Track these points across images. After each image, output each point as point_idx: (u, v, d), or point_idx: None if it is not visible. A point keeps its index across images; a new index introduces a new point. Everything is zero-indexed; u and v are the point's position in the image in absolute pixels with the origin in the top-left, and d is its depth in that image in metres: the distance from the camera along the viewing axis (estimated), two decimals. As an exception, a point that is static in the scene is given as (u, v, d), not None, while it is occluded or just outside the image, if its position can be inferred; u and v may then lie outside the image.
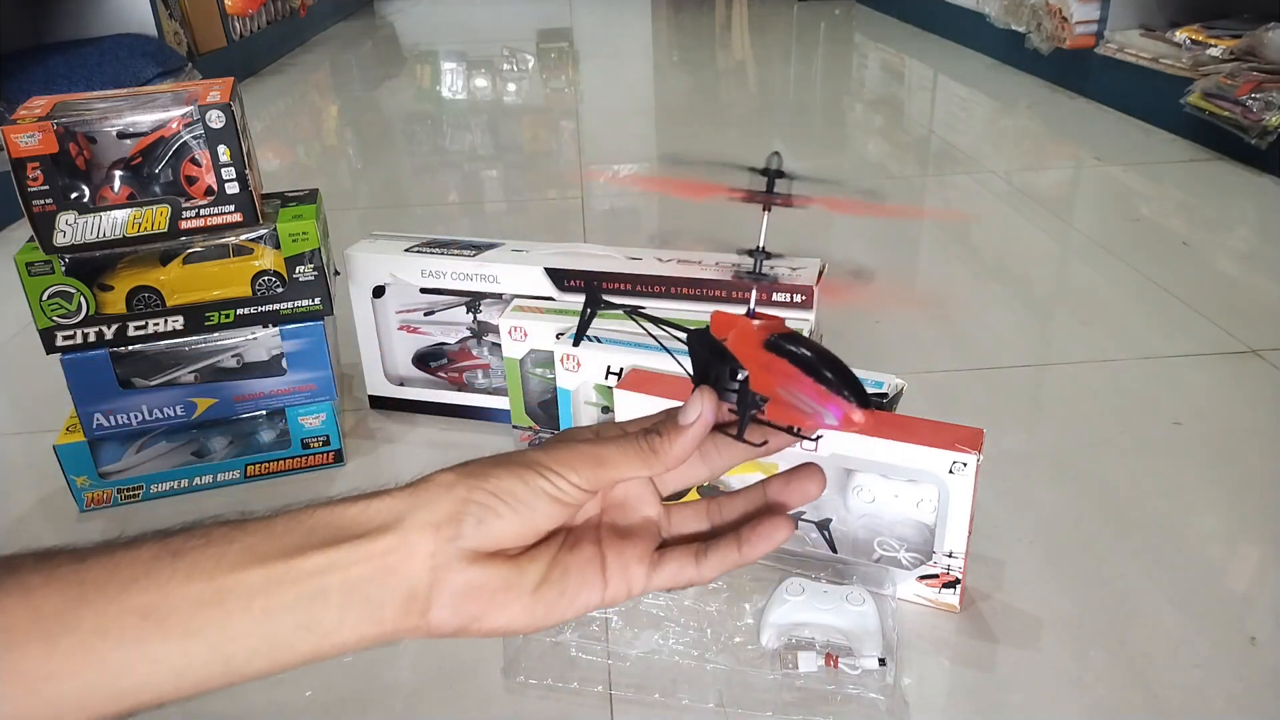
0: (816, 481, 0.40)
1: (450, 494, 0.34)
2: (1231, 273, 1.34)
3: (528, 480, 0.35)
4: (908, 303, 0.98)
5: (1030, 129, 2.11)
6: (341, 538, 0.33)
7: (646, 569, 0.38)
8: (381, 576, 0.33)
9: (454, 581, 0.34)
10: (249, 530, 0.34)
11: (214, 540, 0.34)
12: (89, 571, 0.32)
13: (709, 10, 4.08)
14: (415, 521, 0.34)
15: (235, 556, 0.33)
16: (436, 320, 1.00)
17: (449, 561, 0.34)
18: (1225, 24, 1.89)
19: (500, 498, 0.35)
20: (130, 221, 0.80)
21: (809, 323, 0.84)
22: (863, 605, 0.66)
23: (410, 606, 0.34)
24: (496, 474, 0.35)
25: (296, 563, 0.33)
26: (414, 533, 0.34)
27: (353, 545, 0.33)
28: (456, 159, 2.14)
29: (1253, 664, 0.65)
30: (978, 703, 0.63)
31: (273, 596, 0.32)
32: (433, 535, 0.34)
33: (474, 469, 0.36)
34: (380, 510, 0.34)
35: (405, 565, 0.33)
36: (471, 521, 0.34)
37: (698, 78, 2.89)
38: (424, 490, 0.35)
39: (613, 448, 0.37)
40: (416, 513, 0.34)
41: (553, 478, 0.35)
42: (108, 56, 2.11)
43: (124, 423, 0.86)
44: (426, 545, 0.34)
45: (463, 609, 0.34)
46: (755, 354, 0.37)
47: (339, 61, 3.31)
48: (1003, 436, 0.90)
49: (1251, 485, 0.84)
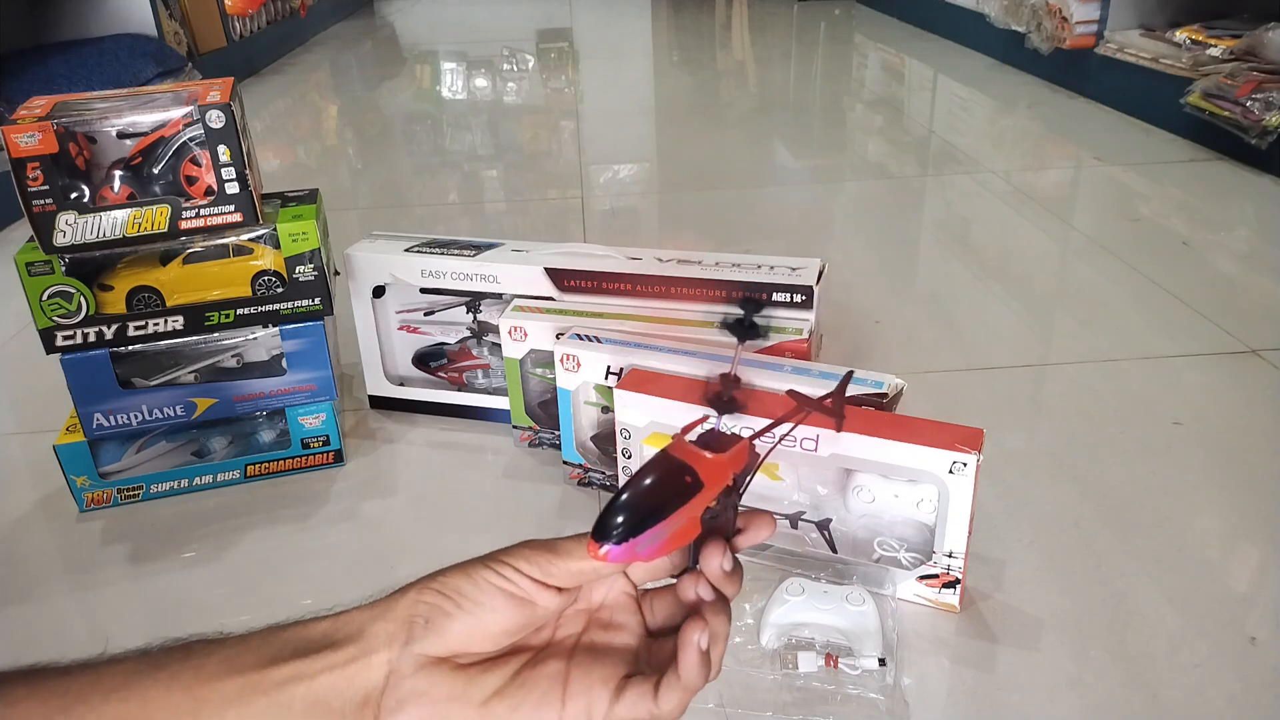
0: (767, 527, 0.39)
1: (404, 599, 0.36)
2: (1231, 273, 1.34)
3: (474, 576, 0.36)
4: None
5: (1030, 129, 2.11)
6: (309, 650, 0.35)
7: (610, 694, 0.36)
8: (342, 686, 0.34)
9: (402, 688, 0.35)
10: (228, 644, 0.35)
11: (194, 653, 0.35)
12: (73, 683, 0.33)
13: (709, 10, 4.08)
14: (375, 631, 0.35)
15: (214, 668, 0.34)
16: (436, 320, 1.00)
17: (400, 668, 0.35)
18: (1225, 24, 1.89)
19: (447, 595, 0.35)
20: (130, 221, 0.80)
21: (809, 322, 0.84)
22: (863, 605, 0.66)
23: (364, 713, 0.35)
24: (446, 574, 0.36)
25: (268, 673, 0.34)
26: (373, 642, 0.35)
27: (318, 657, 0.35)
28: (456, 159, 2.14)
29: (1253, 664, 0.65)
30: (978, 703, 0.63)
31: (245, 705, 0.34)
32: (388, 642, 0.35)
33: (432, 575, 0.37)
34: (346, 624, 0.36)
35: (364, 674, 0.35)
36: (420, 623, 0.35)
37: (698, 78, 2.89)
38: (385, 602, 0.36)
39: (569, 540, 0.37)
40: (376, 623, 0.35)
41: (501, 569, 0.36)
42: (108, 56, 2.11)
43: (124, 423, 0.86)
44: (383, 653, 0.35)
45: (409, 714, 0.35)
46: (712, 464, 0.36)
47: (339, 61, 3.31)
48: (1003, 436, 0.90)
49: (1251, 485, 0.84)
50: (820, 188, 1.82)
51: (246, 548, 0.83)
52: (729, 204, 1.68)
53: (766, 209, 1.67)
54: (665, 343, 0.82)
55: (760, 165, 1.99)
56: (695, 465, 0.36)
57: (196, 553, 0.82)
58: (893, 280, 1.35)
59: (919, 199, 1.71)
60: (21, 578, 0.81)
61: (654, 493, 0.35)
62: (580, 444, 0.87)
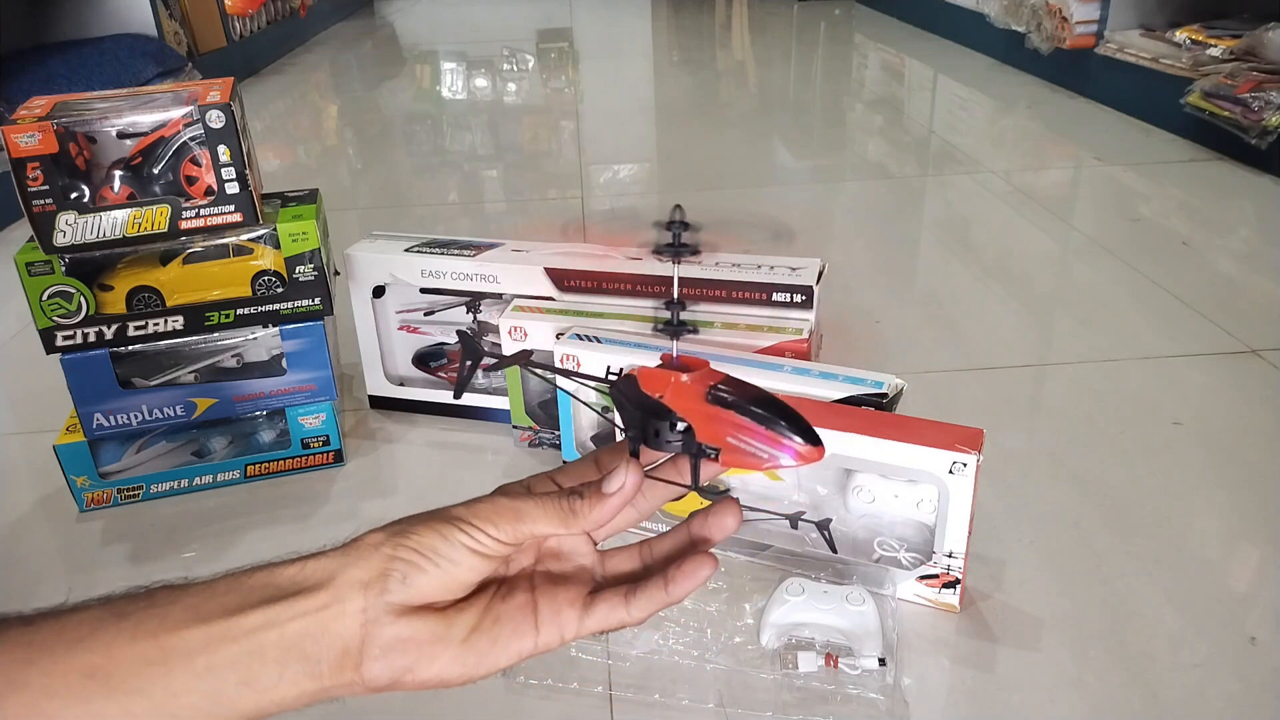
0: (734, 515, 0.41)
1: (377, 552, 0.36)
2: (1231, 273, 1.34)
3: (447, 535, 0.37)
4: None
5: (1030, 129, 2.11)
6: (278, 596, 0.35)
7: (579, 612, 0.39)
8: (316, 633, 0.35)
9: (383, 635, 0.35)
10: (191, 591, 0.35)
11: (158, 601, 0.35)
12: (36, 634, 0.33)
13: (709, 10, 4.08)
14: (346, 579, 0.36)
15: (179, 616, 0.34)
16: (436, 320, 1.00)
17: (378, 616, 0.35)
18: (1225, 24, 1.89)
19: (422, 553, 0.36)
20: (130, 221, 0.80)
21: (809, 322, 0.84)
22: (863, 605, 0.66)
23: (345, 661, 0.35)
24: (419, 531, 0.37)
25: (237, 620, 0.34)
26: (345, 589, 0.35)
27: (288, 603, 0.35)
28: (456, 159, 2.14)
29: (1253, 664, 0.65)
30: (978, 703, 0.63)
31: (214, 654, 0.34)
32: (362, 592, 0.35)
33: (400, 527, 0.37)
34: (315, 570, 0.36)
35: (338, 621, 0.35)
36: (397, 578, 0.36)
37: (698, 78, 2.89)
38: (354, 550, 0.37)
39: (533, 505, 0.38)
40: (347, 570, 0.36)
41: (472, 532, 0.37)
42: (108, 56, 2.11)
43: (124, 423, 0.86)
44: (357, 601, 0.35)
45: (394, 662, 0.36)
46: (698, 407, 0.38)
47: (339, 61, 3.31)
48: (1003, 436, 0.90)
49: (1251, 485, 0.84)
50: (820, 188, 1.82)
51: (246, 548, 0.83)
52: (729, 204, 1.68)
53: (767, 209, 1.67)
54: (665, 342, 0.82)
55: (760, 165, 1.99)
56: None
57: (196, 553, 0.82)
58: (893, 280, 1.35)
59: (919, 199, 1.71)
60: (21, 578, 0.81)
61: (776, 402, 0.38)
62: (580, 444, 0.87)
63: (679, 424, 0.39)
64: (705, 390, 0.38)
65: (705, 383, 0.39)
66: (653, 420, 0.39)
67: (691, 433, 0.39)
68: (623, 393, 0.40)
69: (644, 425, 0.40)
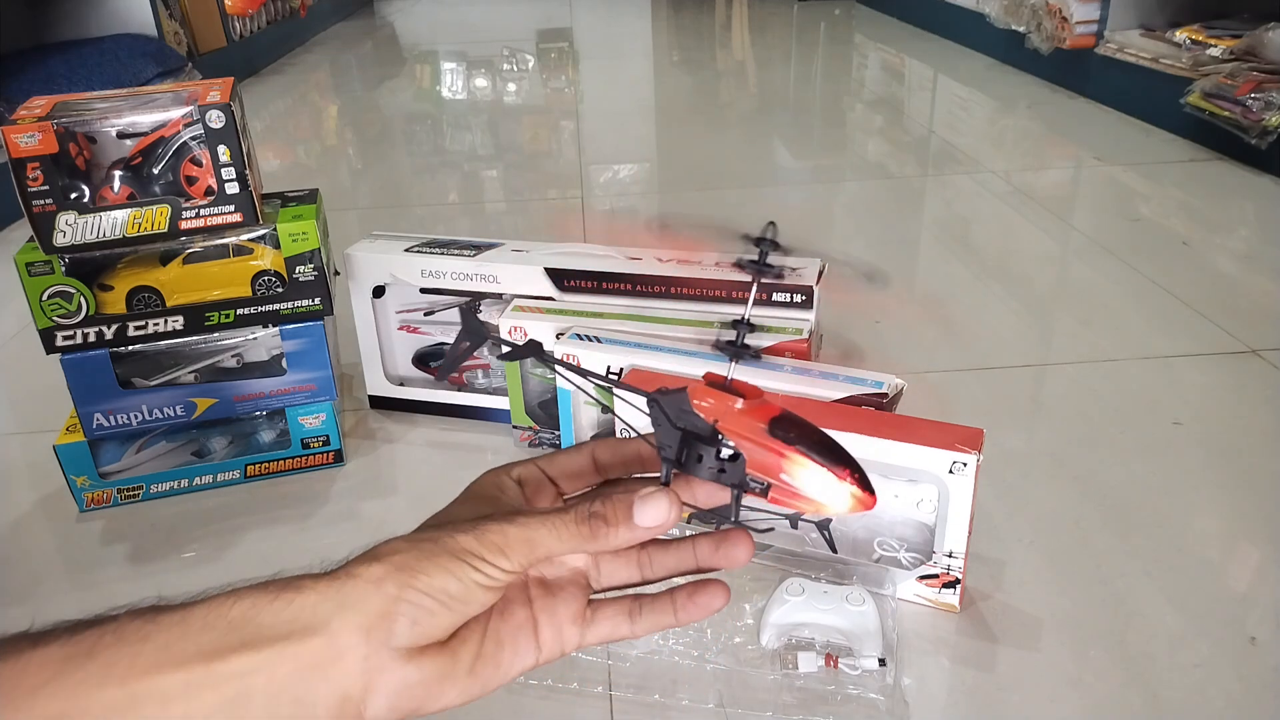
0: (745, 548, 0.39)
1: (379, 591, 0.33)
2: (1231, 273, 1.34)
3: (459, 576, 0.34)
4: (906, 304, 0.98)
5: (1030, 129, 2.11)
6: (264, 639, 0.32)
7: (580, 627, 0.38)
8: (311, 680, 0.32)
9: (389, 682, 0.33)
10: (163, 625, 0.32)
11: (126, 638, 0.31)
12: None
13: (709, 10, 4.08)
14: (344, 624, 0.32)
15: (151, 657, 0.31)
16: (436, 320, 1.00)
17: (383, 664, 0.33)
18: (1225, 24, 1.89)
19: (434, 597, 0.33)
20: (130, 221, 0.80)
21: (809, 322, 0.84)
22: (863, 605, 0.66)
23: (345, 708, 0.33)
24: (428, 571, 0.33)
25: (217, 666, 0.31)
26: (344, 635, 0.32)
27: (277, 649, 0.32)
28: (456, 159, 2.14)
29: (1253, 664, 0.65)
30: (978, 703, 0.63)
31: (193, 701, 0.31)
32: (364, 638, 0.32)
33: (404, 560, 0.34)
34: (305, 610, 0.33)
35: (336, 669, 0.32)
36: (405, 623, 0.33)
37: (698, 78, 2.89)
38: (351, 586, 0.33)
39: (547, 531, 0.35)
40: (345, 613, 0.33)
41: (485, 568, 0.34)
42: (108, 56, 2.10)
43: (124, 423, 0.86)
44: (358, 649, 0.32)
45: (401, 705, 0.33)
46: (757, 438, 0.36)
47: (339, 61, 3.31)
48: (1002, 436, 0.90)
49: (1251, 485, 0.84)
50: (820, 188, 1.82)
51: (246, 548, 0.83)
52: (729, 204, 1.68)
53: (767, 209, 1.67)
54: (665, 343, 0.82)
55: (760, 165, 1.99)
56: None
57: (196, 553, 0.82)
58: (892, 280, 1.35)
59: (919, 199, 1.71)
60: (21, 578, 0.81)
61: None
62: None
63: (732, 454, 0.36)
64: (769, 422, 0.36)
65: (769, 414, 0.36)
66: (697, 444, 0.36)
67: (742, 463, 0.36)
68: (664, 409, 0.37)
69: (680, 439, 0.37)
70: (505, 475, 0.39)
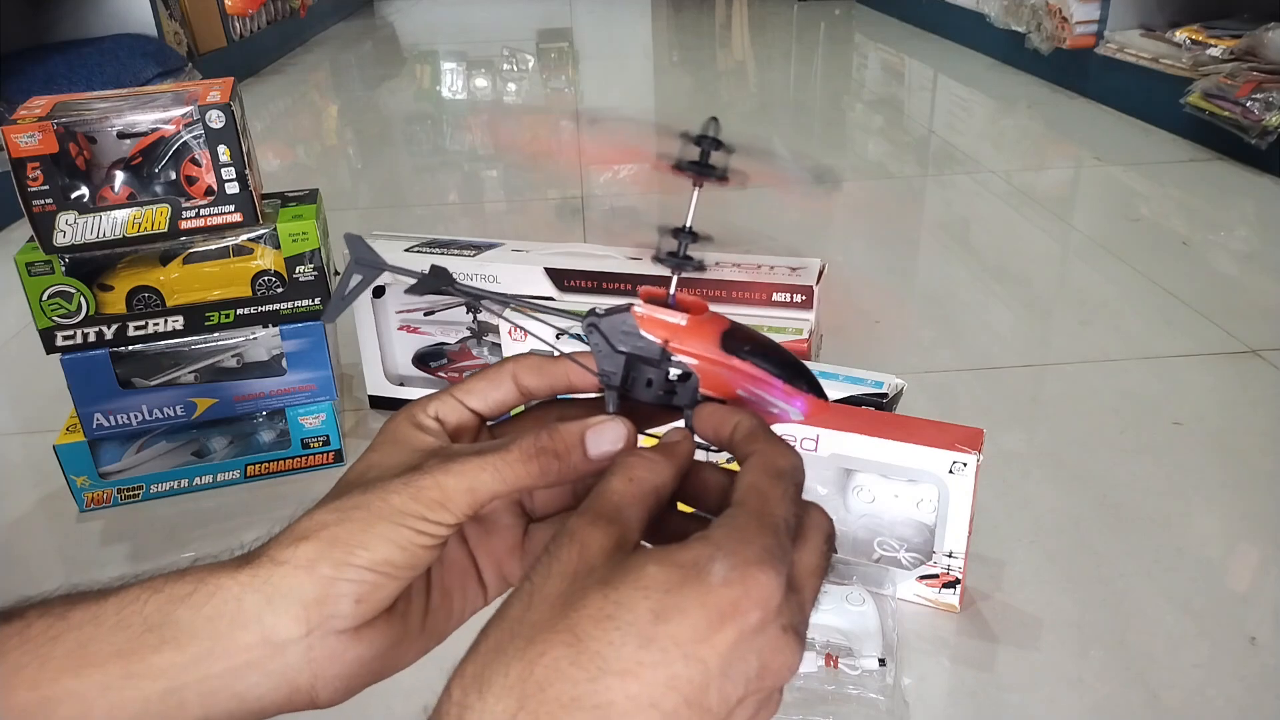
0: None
1: (313, 575, 0.30)
2: (1231, 273, 1.34)
3: (402, 543, 0.30)
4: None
5: (1030, 129, 2.11)
6: (185, 637, 0.29)
7: (520, 558, 0.36)
8: (249, 677, 0.29)
9: (337, 664, 0.30)
10: (73, 623, 0.29)
11: (33, 638, 0.29)
12: None
13: (709, 10, 4.08)
14: (277, 618, 0.29)
15: (62, 659, 0.28)
16: (436, 320, 1.00)
17: (329, 650, 0.30)
18: (1225, 24, 1.89)
19: (376, 570, 0.30)
20: (130, 221, 0.80)
21: (809, 322, 0.84)
22: (863, 605, 0.66)
23: (295, 698, 0.30)
24: (364, 543, 0.30)
25: (135, 666, 0.28)
26: (279, 630, 0.29)
27: (205, 647, 0.29)
28: (456, 159, 2.14)
29: (1253, 664, 0.65)
30: (978, 703, 0.63)
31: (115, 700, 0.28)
32: (302, 629, 0.29)
33: (336, 534, 0.30)
34: (227, 604, 0.29)
35: (276, 664, 0.29)
36: (347, 603, 0.30)
37: (698, 78, 2.89)
38: (278, 575, 0.30)
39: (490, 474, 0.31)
40: (275, 606, 0.29)
41: (426, 528, 0.30)
42: (108, 56, 2.11)
43: (124, 423, 0.86)
44: (298, 642, 0.29)
45: (357, 683, 0.31)
46: (709, 355, 0.34)
47: (339, 61, 3.31)
48: (1003, 436, 0.90)
49: (1251, 485, 0.84)
50: (820, 187, 1.82)
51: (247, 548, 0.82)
52: (729, 203, 1.68)
53: (767, 209, 1.67)
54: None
55: (760, 165, 1.99)
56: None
57: (196, 553, 0.82)
58: (893, 280, 1.35)
59: (919, 199, 1.71)
60: (21, 578, 0.81)
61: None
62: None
63: (675, 372, 0.34)
64: (719, 335, 0.34)
65: (718, 327, 0.34)
66: (644, 367, 0.34)
67: (694, 383, 0.34)
68: (604, 334, 0.35)
69: (626, 364, 0.34)
70: (421, 413, 0.35)
